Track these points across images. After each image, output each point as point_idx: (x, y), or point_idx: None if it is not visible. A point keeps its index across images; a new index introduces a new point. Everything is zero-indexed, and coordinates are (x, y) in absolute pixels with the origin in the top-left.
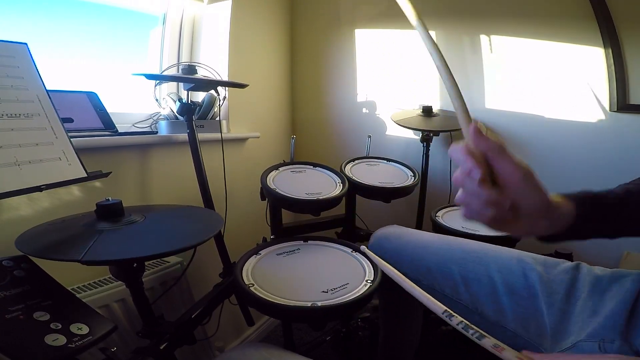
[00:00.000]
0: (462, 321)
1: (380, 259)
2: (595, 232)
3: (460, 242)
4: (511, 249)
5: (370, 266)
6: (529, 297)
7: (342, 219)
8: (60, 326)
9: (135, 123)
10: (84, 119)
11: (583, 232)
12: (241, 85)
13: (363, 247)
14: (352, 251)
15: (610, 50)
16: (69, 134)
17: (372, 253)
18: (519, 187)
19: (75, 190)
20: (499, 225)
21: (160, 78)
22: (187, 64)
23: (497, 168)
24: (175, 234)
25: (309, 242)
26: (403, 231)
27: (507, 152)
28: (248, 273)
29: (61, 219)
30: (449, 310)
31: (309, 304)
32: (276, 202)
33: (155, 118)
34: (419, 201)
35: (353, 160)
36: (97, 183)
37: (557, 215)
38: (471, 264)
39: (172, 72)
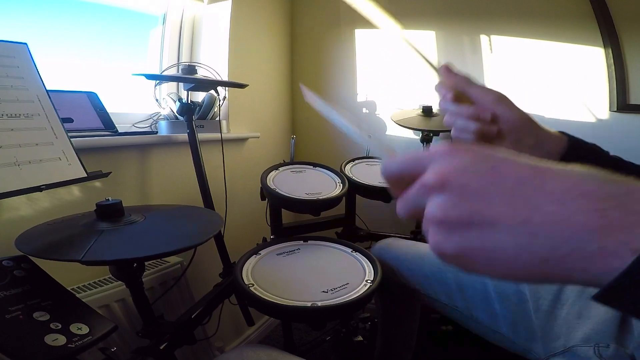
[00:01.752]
0: (370, 136)
1: (316, 96)
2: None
3: None
4: None
5: (370, 266)
6: (518, 302)
7: (342, 219)
8: (60, 326)
9: (135, 123)
10: (84, 119)
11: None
12: (241, 85)
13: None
14: (352, 251)
15: (610, 50)
16: (69, 134)
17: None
18: (495, 104)
19: (75, 190)
20: (486, 143)
21: (160, 78)
22: (187, 64)
23: (471, 95)
24: (175, 234)
25: (309, 242)
26: (401, 243)
27: (474, 83)
28: (248, 273)
29: (61, 219)
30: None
31: (309, 304)
32: (276, 202)
33: (155, 118)
34: None
35: (353, 160)
36: (97, 183)
37: (544, 136)
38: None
39: (172, 72)
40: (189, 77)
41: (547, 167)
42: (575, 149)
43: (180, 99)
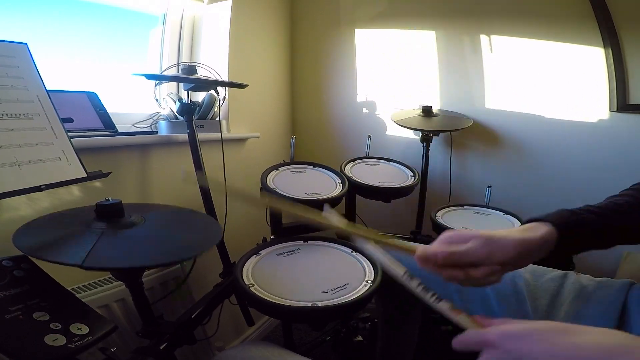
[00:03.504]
0: (421, 284)
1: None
2: (584, 247)
3: None
4: None
5: (371, 266)
6: (517, 302)
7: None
8: (60, 326)
9: (135, 123)
10: (84, 119)
11: (571, 250)
12: (241, 85)
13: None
14: (352, 251)
15: (610, 50)
16: (69, 134)
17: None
18: (489, 254)
19: (75, 190)
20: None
21: (160, 78)
22: (187, 64)
23: (464, 259)
24: (175, 244)
25: (309, 242)
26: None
27: (456, 250)
28: (248, 273)
29: (59, 212)
30: (409, 272)
31: (309, 304)
32: None
33: (155, 118)
34: (418, 201)
35: (353, 160)
36: (97, 183)
37: (537, 248)
38: None
39: (172, 72)
40: (189, 77)
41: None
42: (566, 235)
43: (180, 99)
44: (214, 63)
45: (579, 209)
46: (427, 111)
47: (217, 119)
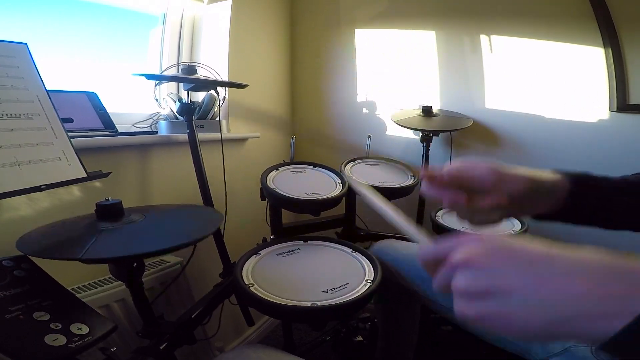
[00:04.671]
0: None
1: (357, 180)
2: (588, 215)
3: None
4: None
5: (371, 266)
6: None
7: (342, 219)
8: (60, 326)
9: (135, 123)
10: (84, 119)
11: (575, 213)
12: (241, 86)
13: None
14: (352, 251)
15: (610, 50)
16: (69, 134)
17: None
18: (499, 183)
19: (75, 190)
20: (506, 216)
21: (160, 78)
22: (187, 64)
23: (470, 183)
24: (175, 231)
25: (309, 242)
26: (401, 244)
27: (466, 169)
28: (248, 273)
29: (61, 221)
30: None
31: (309, 304)
32: (276, 202)
33: (155, 118)
34: (418, 201)
35: (353, 160)
36: (97, 183)
37: (547, 188)
38: None
39: (172, 72)
40: (189, 77)
41: (558, 251)
42: (578, 186)
43: (180, 99)
44: (214, 63)
45: (592, 173)
46: (427, 111)
47: (217, 119)
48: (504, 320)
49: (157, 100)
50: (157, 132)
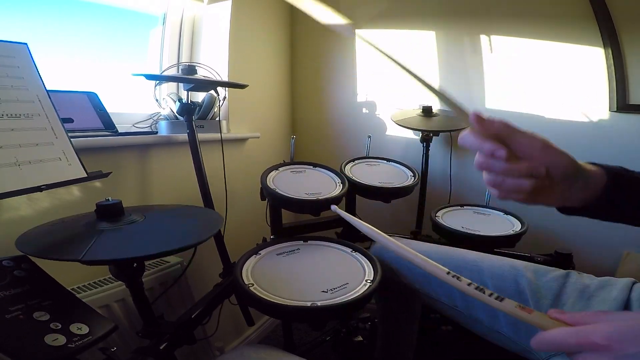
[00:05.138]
0: (472, 283)
1: (355, 218)
2: (621, 211)
3: (457, 252)
4: (504, 257)
5: (370, 266)
6: (518, 301)
7: (342, 219)
8: (60, 326)
9: (135, 123)
10: (84, 119)
11: (608, 208)
12: (241, 86)
13: (334, 207)
14: (352, 251)
15: (610, 50)
16: (69, 134)
17: (343, 211)
18: (544, 153)
19: (75, 190)
20: (537, 196)
21: (160, 78)
22: (187, 64)
23: (514, 144)
24: (175, 233)
25: (309, 242)
26: (402, 243)
27: (516, 128)
28: (248, 273)
29: (61, 219)
30: (452, 272)
31: (309, 304)
32: (276, 202)
33: (155, 118)
34: (419, 201)
35: (353, 160)
36: (97, 183)
37: (588, 174)
38: (466, 271)
39: (172, 72)
40: (189, 77)
41: None
42: (615, 180)
43: (180, 99)
44: (214, 63)
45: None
46: (427, 111)
47: (217, 119)
48: None
49: (157, 100)
50: (157, 132)
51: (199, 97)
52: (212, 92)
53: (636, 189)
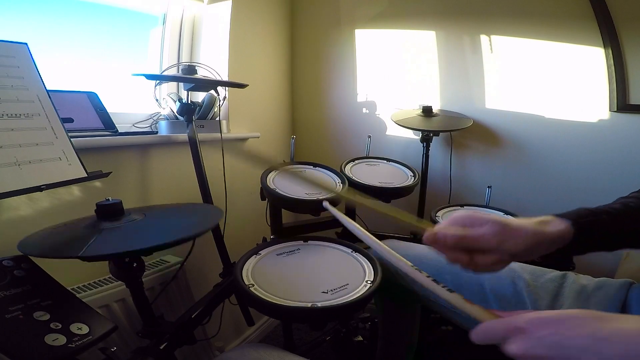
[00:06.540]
0: (430, 276)
1: (344, 215)
2: (593, 248)
3: None
4: None
5: (370, 266)
6: (516, 303)
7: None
8: (60, 326)
9: (135, 123)
10: (84, 119)
11: (581, 249)
12: (241, 85)
13: (325, 203)
14: (352, 251)
15: (610, 50)
16: (69, 134)
17: (333, 208)
18: (500, 244)
19: (75, 190)
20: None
21: (160, 78)
22: (187, 64)
23: (472, 243)
24: (175, 227)
25: (309, 242)
26: (401, 244)
27: (468, 233)
28: (248, 273)
29: (63, 223)
30: (415, 266)
31: (309, 305)
32: (276, 202)
33: (155, 118)
34: (419, 201)
35: (353, 160)
36: (97, 183)
37: (552, 241)
38: (463, 272)
39: (172, 72)
40: (189, 77)
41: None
42: (582, 232)
43: (180, 99)
44: (214, 63)
45: (597, 209)
46: (427, 111)
47: (217, 119)
48: None
49: (157, 100)
50: (157, 132)
51: (199, 97)
52: (212, 92)
53: (603, 229)
